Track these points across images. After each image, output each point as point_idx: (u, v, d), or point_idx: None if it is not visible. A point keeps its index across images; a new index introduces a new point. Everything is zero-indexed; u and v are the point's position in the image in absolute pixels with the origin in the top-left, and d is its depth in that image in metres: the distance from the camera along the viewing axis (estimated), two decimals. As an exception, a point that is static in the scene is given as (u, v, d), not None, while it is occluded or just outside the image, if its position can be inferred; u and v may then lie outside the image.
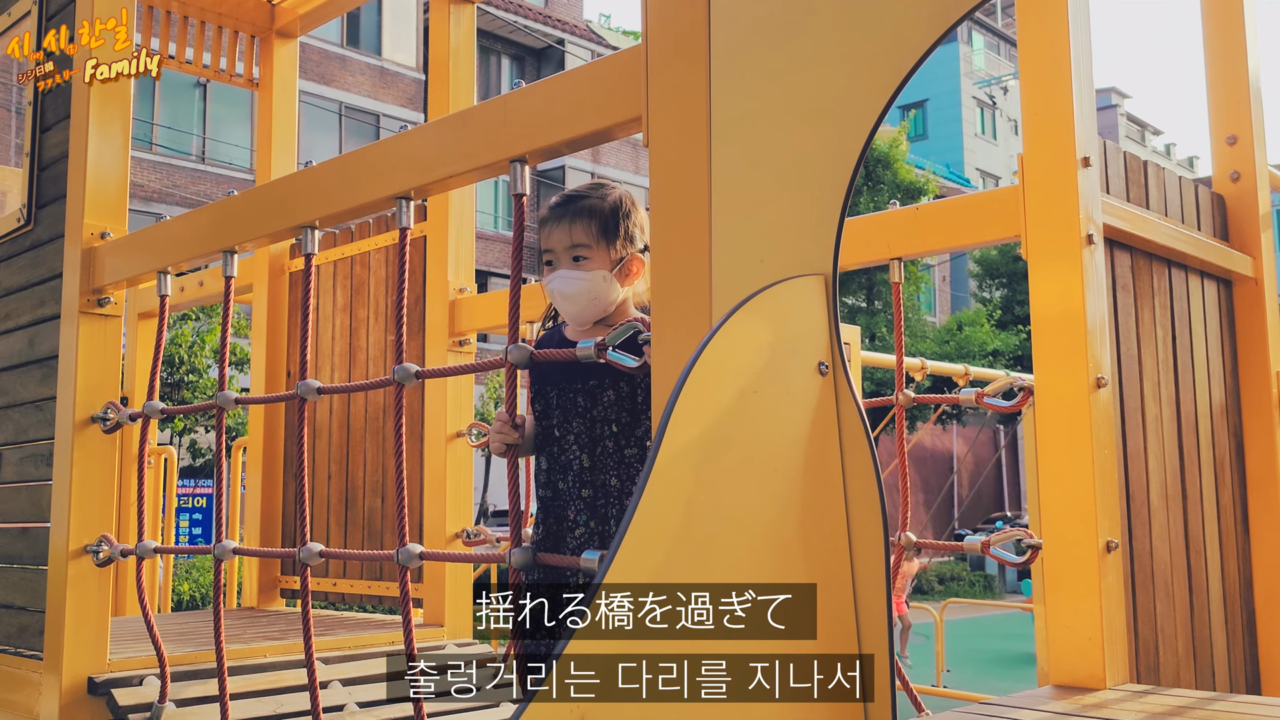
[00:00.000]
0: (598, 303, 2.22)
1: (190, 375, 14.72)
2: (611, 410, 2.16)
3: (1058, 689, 2.28)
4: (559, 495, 2.22)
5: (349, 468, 4.27)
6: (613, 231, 2.22)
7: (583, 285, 2.21)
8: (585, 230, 2.22)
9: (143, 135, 20.78)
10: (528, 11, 27.93)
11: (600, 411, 2.16)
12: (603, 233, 2.22)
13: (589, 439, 2.17)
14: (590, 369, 2.11)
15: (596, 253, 2.22)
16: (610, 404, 2.15)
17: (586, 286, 2.21)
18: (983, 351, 23.71)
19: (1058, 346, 2.38)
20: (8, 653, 3.08)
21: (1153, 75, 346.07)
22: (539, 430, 2.28)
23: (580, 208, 2.24)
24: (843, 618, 1.47)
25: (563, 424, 2.21)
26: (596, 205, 2.24)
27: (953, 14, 1.59)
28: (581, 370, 2.15)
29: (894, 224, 2.90)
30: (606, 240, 2.21)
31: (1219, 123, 3.19)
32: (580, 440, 2.18)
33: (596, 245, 2.22)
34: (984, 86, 41.92)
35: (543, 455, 2.27)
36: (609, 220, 2.22)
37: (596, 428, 2.16)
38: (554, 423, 2.23)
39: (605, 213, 2.23)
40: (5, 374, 3.30)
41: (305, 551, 2.30)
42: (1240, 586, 2.95)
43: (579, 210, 2.24)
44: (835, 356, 1.53)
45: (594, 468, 2.17)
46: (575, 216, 2.24)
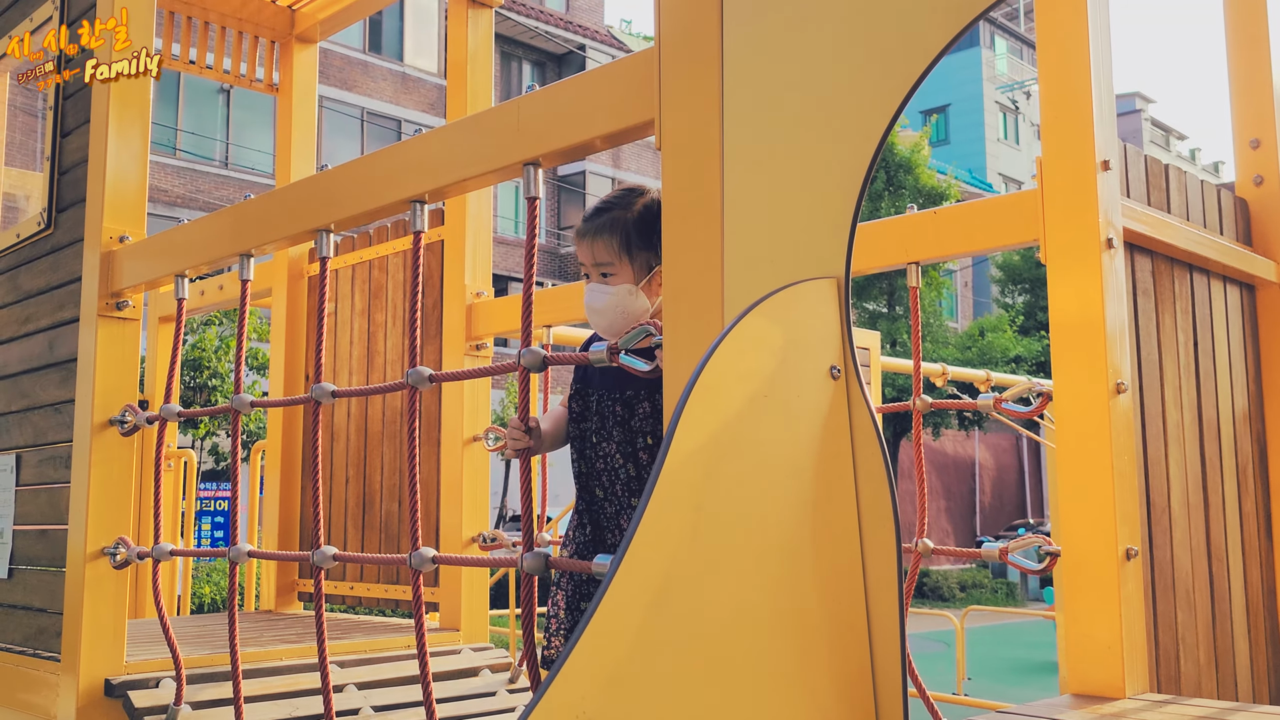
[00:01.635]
0: (626, 315, 2.21)
1: (214, 380, 14.80)
2: (647, 422, 2.18)
3: (1076, 698, 2.25)
4: (595, 502, 2.24)
5: (366, 471, 4.27)
6: (637, 243, 2.20)
7: (609, 300, 2.21)
8: (607, 247, 2.22)
9: (166, 140, 20.94)
10: (549, 17, 28.00)
11: (637, 423, 2.18)
12: (625, 246, 2.21)
13: (631, 449, 2.18)
14: (630, 379, 2.12)
15: (621, 267, 2.21)
16: (645, 415, 2.17)
17: (613, 301, 2.21)
18: (1005, 357, 23.56)
19: (1077, 351, 2.36)
20: (26, 654, 3.10)
21: (1178, 80, 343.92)
22: (574, 431, 2.29)
23: (602, 223, 2.23)
24: (854, 624, 1.46)
25: (601, 429, 2.22)
26: (619, 218, 2.23)
27: (967, 14, 1.57)
28: (622, 379, 2.16)
29: (912, 228, 2.88)
30: (630, 253, 2.20)
31: (1242, 127, 3.16)
32: (624, 449, 2.19)
33: (620, 260, 2.21)
34: (1007, 91, 41.72)
35: (581, 460, 2.28)
36: (633, 232, 2.21)
37: (636, 439, 2.18)
38: (592, 427, 2.24)
39: (629, 224, 2.21)
40: (25, 377, 3.32)
41: (319, 554, 2.30)
42: (1264, 595, 2.91)
43: (601, 226, 2.23)
44: (848, 360, 1.52)
45: (639, 476, 2.19)
46: (598, 233, 2.23)
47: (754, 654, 1.35)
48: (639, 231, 2.20)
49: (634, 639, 1.22)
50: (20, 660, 3.12)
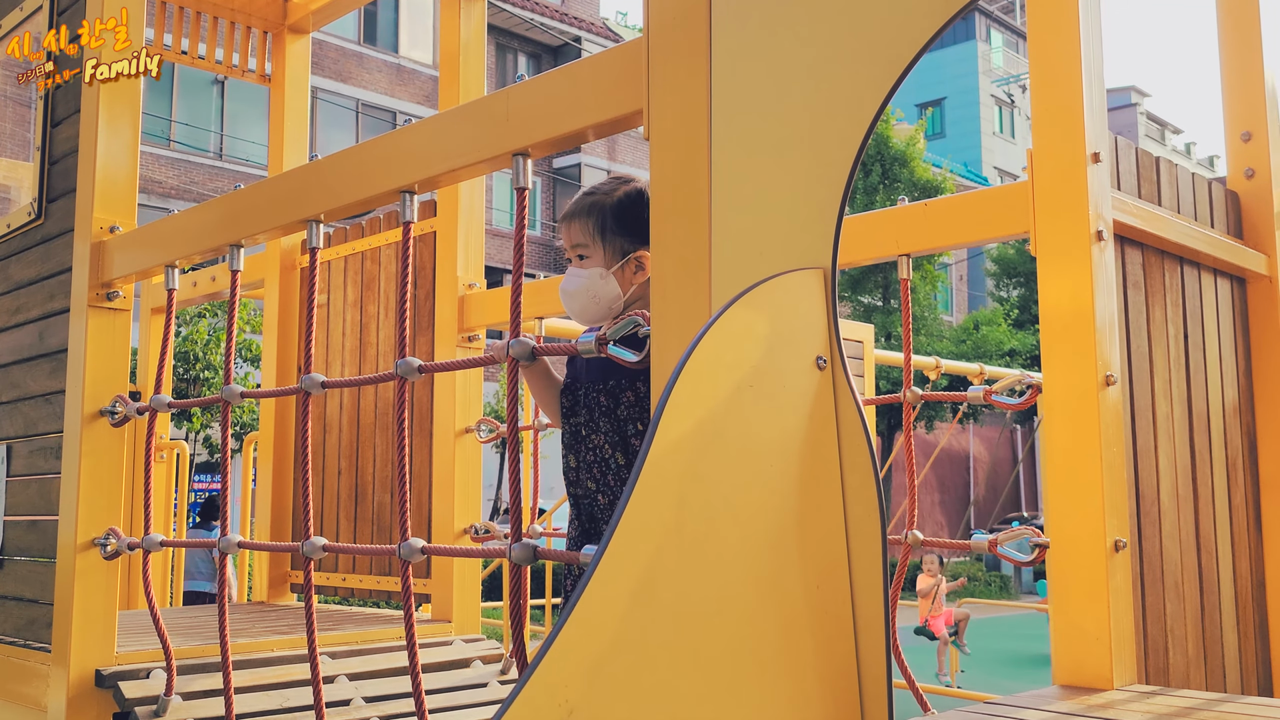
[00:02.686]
0: (598, 301, 2.20)
1: (206, 372, 14.78)
2: (634, 410, 2.16)
3: (1064, 689, 2.26)
4: (588, 494, 2.23)
5: (359, 463, 4.27)
6: (613, 228, 2.20)
7: (581, 283, 2.21)
8: (583, 228, 2.21)
9: (160, 132, 20.89)
10: (544, 9, 27.95)
11: (624, 411, 2.17)
12: (600, 229, 2.20)
13: (619, 437, 2.17)
14: (613, 368, 2.11)
15: (594, 250, 2.20)
16: (631, 404, 2.16)
17: (584, 284, 2.20)
18: (999, 351, 23.60)
19: (1066, 343, 2.36)
20: (16, 645, 3.10)
21: (1173, 74, 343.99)
22: (566, 428, 2.28)
23: (581, 206, 2.23)
24: (839, 614, 1.46)
25: (590, 423, 2.21)
26: (599, 202, 2.23)
27: (954, 4, 1.57)
28: (607, 369, 2.15)
29: (904, 220, 2.87)
30: (604, 237, 2.20)
31: (1234, 119, 3.16)
32: (611, 439, 2.18)
33: (594, 243, 2.20)
34: (1002, 84, 41.73)
35: (571, 454, 2.27)
36: (609, 216, 2.20)
37: (623, 427, 2.16)
38: (581, 420, 2.23)
39: (607, 209, 2.21)
40: (15, 367, 3.31)
41: (309, 545, 2.30)
42: (1252, 587, 2.92)
43: (580, 209, 2.23)
44: (834, 351, 1.52)
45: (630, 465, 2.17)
46: (575, 215, 2.23)
47: (738, 643, 1.35)
48: (616, 217, 2.20)
49: (617, 628, 1.22)
50: (11, 651, 3.11)
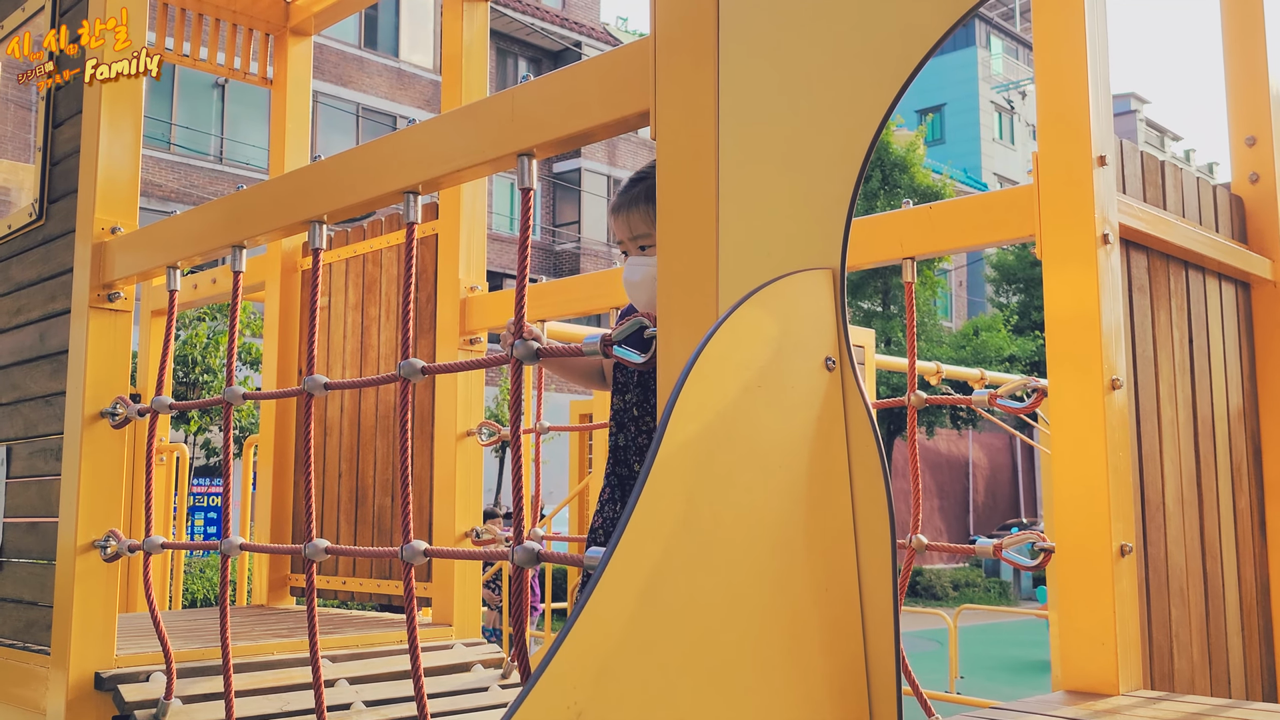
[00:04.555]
0: None
1: (205, 376, 14.76)
2: None
3: (1069, 694, 2.25)
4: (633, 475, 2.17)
5: (359, 466, 4.26)
6: None
7: (647, 272, 2.15)
8: (644, 216, 2.16)
9: (161, 135, 20.89)
10: (545, 14, 27.98)
11: None
12: None
13: None
14: None
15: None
16: None
17: (651, 273, 2.14)
18: (999, 357, 23.60)
19: (1072, 348, 2.35)
20: (16, 647, 3.08)
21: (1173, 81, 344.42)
22: (617, 403, 2.22)
23: (636, 193, 2.18)
24: (848, 617, 1.45)
25: (644, 402, 2.17)
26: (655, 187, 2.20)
27: (963, 5, 1.56)
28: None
29: (907, 223, 2.86)
30: None
31: (1238, 124, 3.16)
32: None
33: (656, 230, 2.18)
34: (1002, 91, 41.77)
35: (621, 431, 2.22)
36: None
37: None
38: (634, 399, 2.19)
39: None
40: (16, 369, 3.30)
41: (311, 548, 2.28)
42: (1257, 593, 2.91)
43: (635, 196, 2.18)
44: (843, 352, 1.51)
45: None
46: (633, 204, 2.18)
47: (746, 646, 1.34)
48: None
49: (625, 630, 1.21)
50: (10, 653, 3.10)
